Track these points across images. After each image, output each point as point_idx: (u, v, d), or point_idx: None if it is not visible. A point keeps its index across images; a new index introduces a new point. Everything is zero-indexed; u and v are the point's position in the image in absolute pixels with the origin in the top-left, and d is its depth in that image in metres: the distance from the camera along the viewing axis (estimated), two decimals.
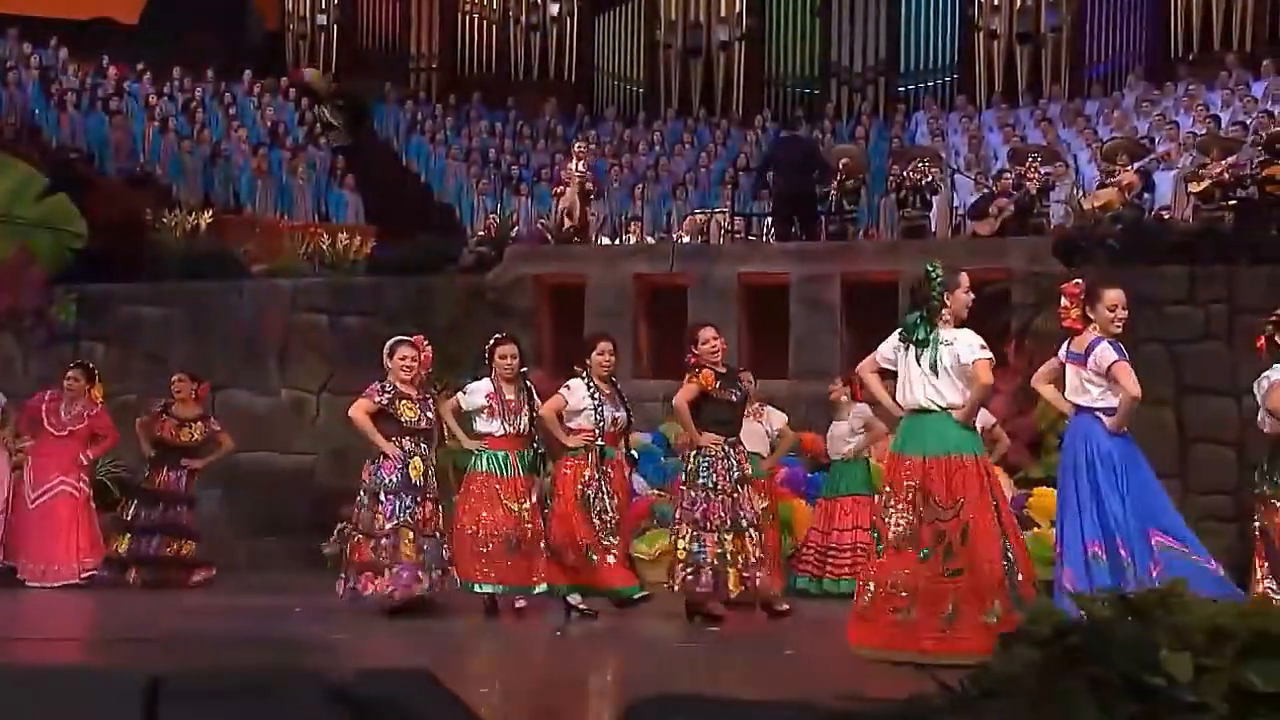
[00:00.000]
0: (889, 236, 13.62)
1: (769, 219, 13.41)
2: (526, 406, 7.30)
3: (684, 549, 6.95)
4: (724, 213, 13.95)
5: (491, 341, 7.56)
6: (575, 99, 19.51)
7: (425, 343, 7.47)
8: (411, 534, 7.06)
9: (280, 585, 8.85)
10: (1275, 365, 6.38)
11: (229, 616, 7.39)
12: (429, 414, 7.28)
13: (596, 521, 7.08)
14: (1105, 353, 5.56)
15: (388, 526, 7.04)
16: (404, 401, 7.19)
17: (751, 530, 6.98)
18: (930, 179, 12.66)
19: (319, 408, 11.49)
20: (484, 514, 7.16)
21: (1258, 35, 16.86)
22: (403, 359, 7.24)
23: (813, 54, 19.15)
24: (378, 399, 7.19)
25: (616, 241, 13.92)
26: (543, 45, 20.00)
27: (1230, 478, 9.92)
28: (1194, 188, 11.64)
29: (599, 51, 19.94)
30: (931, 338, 5.58)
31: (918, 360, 5.60)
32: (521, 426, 7.25)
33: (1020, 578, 5.36)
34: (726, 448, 7.02)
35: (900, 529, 5.47)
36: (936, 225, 13.45)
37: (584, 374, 7.30)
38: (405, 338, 7.49)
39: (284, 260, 12.45)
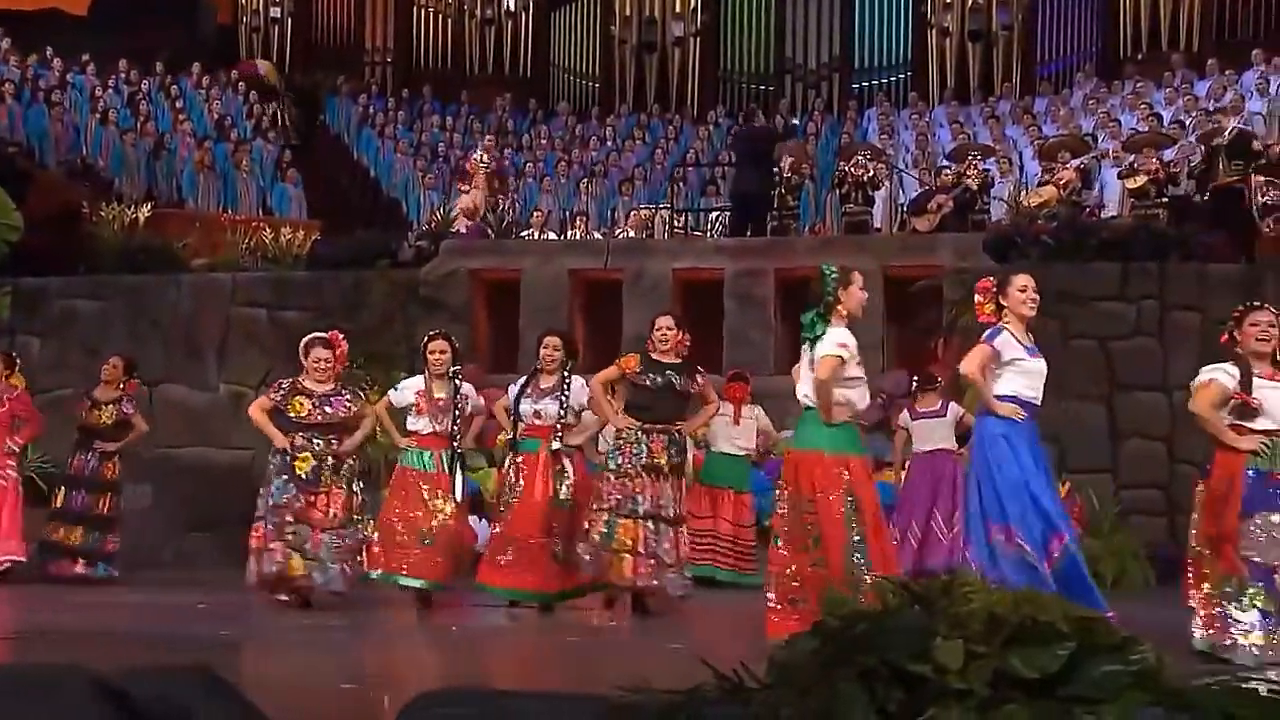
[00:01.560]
0: (834, 232, 13.61)
1: (714, 214, 13.36)
2: (453, 406, 7.34)
3: (601, 535, 6.99)
4: (669, 208, 13.93)
5: (425, 339, 7.69)
6: (530, 94, 19.46)
7: (341, 338, 7.49)
8: (288, 525, 7.07)
9: (204, 581, 8.76)
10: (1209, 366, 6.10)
11: (122, 612, 7.25)
12: (329, 409, 7.25)
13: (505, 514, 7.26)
14: (986, 337, 5.64)
15: (269, 510, 7.12)
16: (297, 398, 7.25)
17: (652, 521, 6.97)
18: (873, 174, 12.66)
19: None
20: (406, 509, 7.31)
21: (1205, 35, 16.99)
22: (316, 361, 7.31)
23: (767, 50, 19.17)
24: (273, 396, 7.34)
25: (563, 237, 13.88)
26: (498, 40, 19.93)
27: (1161, 473, 9.97)
28: (1130, 185, 11.70)
29: (554, 46, 19.90)
30: (819, 335, 5.58)
31: (808, 358, 5.64)
32: (446, 426, 7.33)
33: (869, 579, 5.16)
34: (639, 433, 7.05)
35: (783, 522, 5.58)
36: (881, 221, 13.46)
37: (535, 369, 7.42)
38: (321, 335, 7.55)
39: (224, 255, 12.36)
